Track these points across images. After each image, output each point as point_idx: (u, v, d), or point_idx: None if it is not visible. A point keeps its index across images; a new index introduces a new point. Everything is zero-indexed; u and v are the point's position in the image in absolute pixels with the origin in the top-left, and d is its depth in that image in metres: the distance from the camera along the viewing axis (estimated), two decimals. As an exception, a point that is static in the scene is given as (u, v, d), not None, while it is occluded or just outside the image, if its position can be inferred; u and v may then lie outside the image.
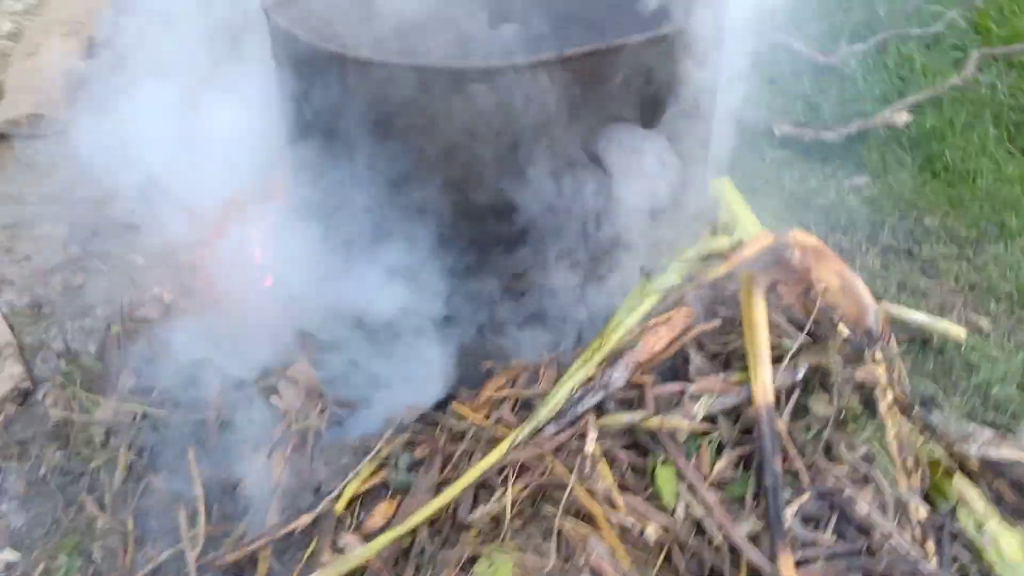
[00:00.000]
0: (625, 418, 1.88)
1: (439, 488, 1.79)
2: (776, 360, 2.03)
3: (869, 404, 2.26)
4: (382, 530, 1.81)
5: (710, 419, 1.98)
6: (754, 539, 1.88)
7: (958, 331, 2.67)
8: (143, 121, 3.53)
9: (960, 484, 2.20)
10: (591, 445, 1.81)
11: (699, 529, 1.87)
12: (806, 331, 2.09)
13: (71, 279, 3.23)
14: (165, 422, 2.27)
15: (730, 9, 2.25)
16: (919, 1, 4.70)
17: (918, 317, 2.73)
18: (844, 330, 2.33)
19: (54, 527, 2.38)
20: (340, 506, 1.83)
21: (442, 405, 1.97)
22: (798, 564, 1.89)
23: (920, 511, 2.09)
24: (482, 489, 1.80)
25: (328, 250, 1.88)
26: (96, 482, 2.37)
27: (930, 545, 2.07)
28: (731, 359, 2.06)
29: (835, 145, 3.91)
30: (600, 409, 1.90)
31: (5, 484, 2.52)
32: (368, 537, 1.81)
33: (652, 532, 1.74)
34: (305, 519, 1.82)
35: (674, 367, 2.05)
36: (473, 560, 1.74)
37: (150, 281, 2.81)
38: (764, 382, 1.95)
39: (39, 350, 2.92)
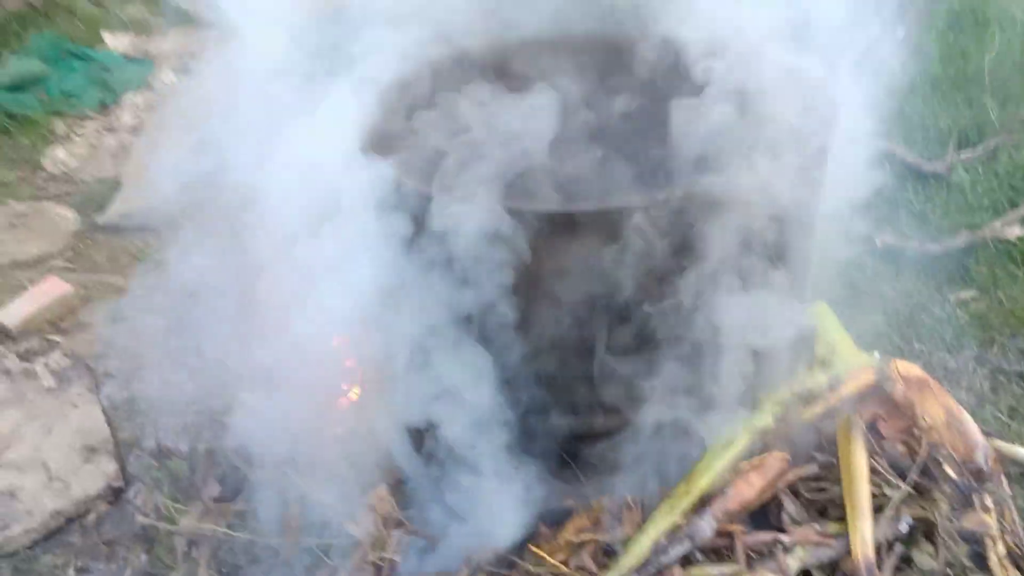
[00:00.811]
0: (715, 572, 1.80)
1: (516, 635, 1.74)
2: (877, 510, 1.92)
3: (978, 557, 2.12)
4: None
5: (805, 573, 1.88)
6: None
7: (1079, 474, 2.49)
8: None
9: (1081, 652, 2.03)
10: (677, 600, 1.73)
11: None
12: (909, 480, 1.97)
13: (169, 376, 3.32)
14: (245, 540, 2.28)
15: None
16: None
17: (1034, 456, 2.56)
18: (950, 471, 2.20)
19: (135, 635, 2.40)
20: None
21: (521, 544, 1.92)
22: None
23: None
24: (561, 642, 1.74)
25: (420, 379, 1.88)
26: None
27: None
28: (828, 508, 1.96)
29: (941, 258, 3.76)
30: (686, 560, 1.82)
31: (91, 585, 2.57)
32: None
33: None
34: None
35: (766, 514, 1.96)
36: None
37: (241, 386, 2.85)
38: (864, 535, 1.84)
39: (132, 447, 2.99)
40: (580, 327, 1.82)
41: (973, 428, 2.47)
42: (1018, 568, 2.16)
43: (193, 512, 2.46)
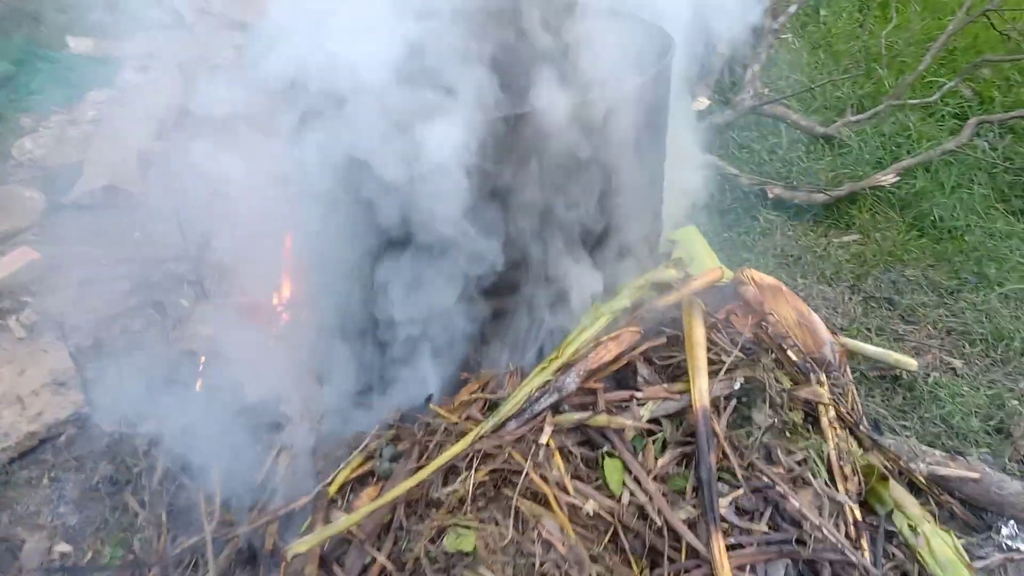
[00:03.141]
0: (577, 416, 2.18)
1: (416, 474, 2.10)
2: (714, 374, 2.32)
3: (813, 419, 2.52)
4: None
5: (655, 422, 2.27)
6: (692, 525, 2.14)
7: (910, 362, 2.90)
8: (203, 194, 4.02)
9: (897, 491, 2.42)
10: (546, 437, 2.11)
11: (641, 515, 2.14)
12: (740, 347, 2.36)
13: (129, 324, 3.67)
14: (198, 434, 2.63)
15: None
16: (924, 72, 4.98)
17: (871, 349, 2.97)
18: (792, 355, 2.60)
19: (103, 525, 2.74)
20: (332, 489, 2.15)
21: (423, 407, 2.29)
22: (731, 548, 2.14)
23: (855, 512, 2.32)
24: (451, 473, 2.10)
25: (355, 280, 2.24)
26: (138, 486, 2.74)
27: (864, 543, 2.29)
28: (675, 372, 2.35)
29: (826, 206, 4.20)
30: (556, 410, 2.20)
31: (63, 492, 2.90)
32: (355, 513, 2.13)
33: (592, 506, 2.02)
34: (303, 500, 2.14)
35: (625, 379, 2.34)
36: (442, 532, 2.04)
37: (194, 322, 3.21)
38: (701, 389, 2.23)
39: (97, 382, 3.34)
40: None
41: (822, 327, 2.89)
42: (850, 431, 2.56)
43: (152, 420, 2.82)
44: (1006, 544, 2.58)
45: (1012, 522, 2.63)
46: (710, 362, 2.30)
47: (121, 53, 6.31)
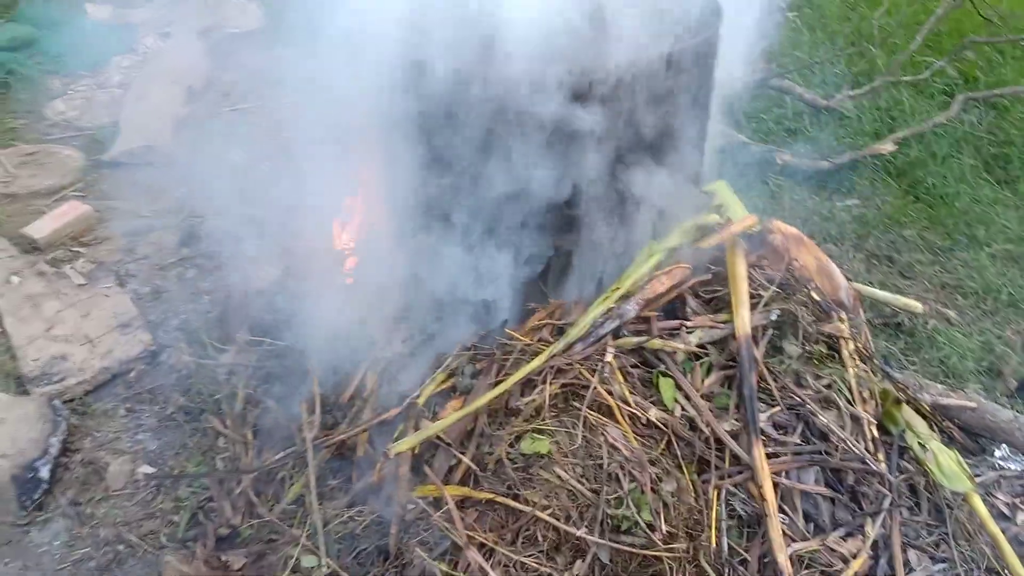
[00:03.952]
0: (635, 340, 2.46)
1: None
2: (753, 307, 2.61)
3: (835, 352, 2.82)
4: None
5: (702, 348, 2.56)
6: (735, 436, 2.44)
7: (915, 304, 3.21)
8: (236, 152, 4.26)
9: (908, 413, 2.74)
10: (610, 356, 2.39)
11: (692, 427, 2.44)
12: (777, 284, 2.66)
13: (184, 273, 3.90)
14: (277, 363, 2.89)
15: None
16: (914, 53, 5.31)
17: (881, 294, 3.28)
18: (815, 295, 2.90)
19: (182, 448, 2.99)
20: (420, 401, 2.41)
21: (499, 331, 2.56)
22: (769, 456, 2.44)
23: (872, 429, 2.63)
24: (527, 387, 2.38)
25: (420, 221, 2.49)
26: (219, 412, 2.98)
27: (881, 456, 2.60)
28: (719, 305, 2.64)
29: (830, 173, 4.51)
30: (616, 335, 2.48)
31: (140, 421, 3.14)
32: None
33: (654, 415, 2.31)
34: (393, 411, 2.41)
35: (675, 310, 2.63)
36: (520, 438, 2.32)
37: (256, 267, 3.44)
38: (744, 318, 2.52)
39: (160, 325, 3.57)
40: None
41: (838, 273, 3.18)
42: (865, 363, 2.87)
43: (229, 351, 3.06)
44: (999, 464, 2.91)
45: (1004, 445, 2.96)
46: (749, 296, 2.59)
47: (138, 20, 6.48)
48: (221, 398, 2.97)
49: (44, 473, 2.80)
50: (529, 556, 2.23)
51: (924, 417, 2.85)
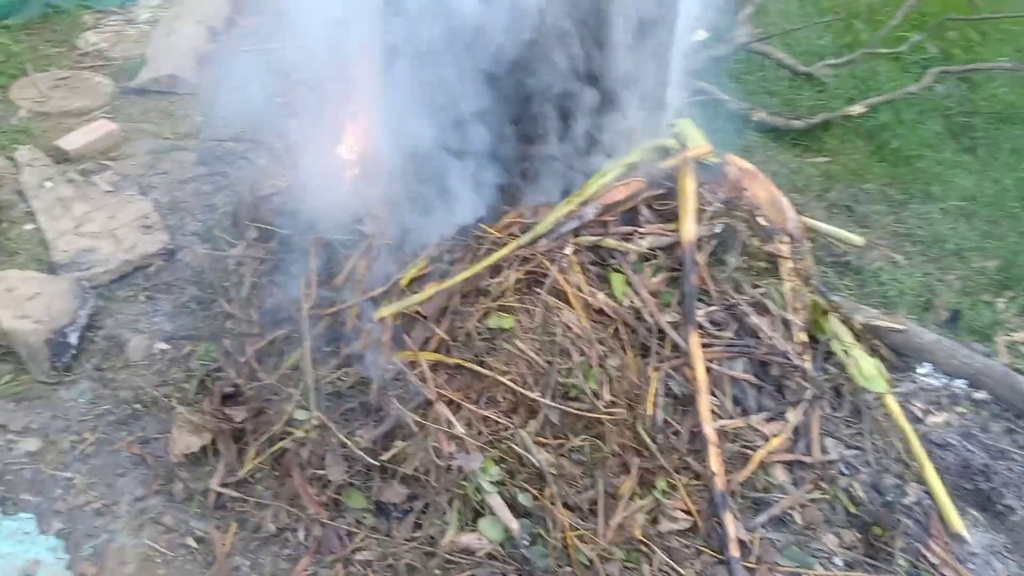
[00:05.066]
0: (593, 238, 2.83)
1: (468, 275, 2.75)
2: (699, 221, 2.96)
3: (775, 269, 3.17)
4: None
5: (652, 252, 2.91)
6: (675, 328, 2.80)
7: (856, 238, 3.55)
8: (252, 86, 4.61)
9: (836, 324, 3.09)
10: (569, 249, 2.76)
11: (637, 317, 2.80)
12: (724, 203, 3.01)
13: (200, 187, 4.27)
14: (282, 256, 3.25)
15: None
16: (896, 27, 5.63)
17: (825, 227, 3.63)
18: (761, 220, 3.24)
19: (195, 330, 3.37)
20: (404, 282, 2.78)
21: (474, 227, 2.92)
22: (704, 346, 2.80)
23: (801, 334, 2.99)
24: (495, 272, 2.73)
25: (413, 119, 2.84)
26: (228, 296, 3.35)
27: (807, 357, 2.96)
28: (669, 216, 3.00)
29: (802, 131, 4.84)
30: (576, 234, 2.84)
31: (158, 307, 3.52)
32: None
33: (601, 299, 2.68)
34: (379, 290, 2.77)
35: (630, 219, 2.98)
36: (487, 315, 2.69)
37: (265, 176, 3.80)
38: (689, 227, 2.87)
39: (178, 229, 3.95)
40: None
41: (788, 206, 3.52)
42: (802, 281, 3.21)
43: (239, 245, 3.44)
44: (921, 379, 3.27)
45: (928, 364, 3.31)
46: (697, 211, 2.95)
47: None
48: (229, 285, 3.33)
49: (73, 339, 3.18)
50: (490, 412, 2.61)
51: (854, 333, 3.20)
